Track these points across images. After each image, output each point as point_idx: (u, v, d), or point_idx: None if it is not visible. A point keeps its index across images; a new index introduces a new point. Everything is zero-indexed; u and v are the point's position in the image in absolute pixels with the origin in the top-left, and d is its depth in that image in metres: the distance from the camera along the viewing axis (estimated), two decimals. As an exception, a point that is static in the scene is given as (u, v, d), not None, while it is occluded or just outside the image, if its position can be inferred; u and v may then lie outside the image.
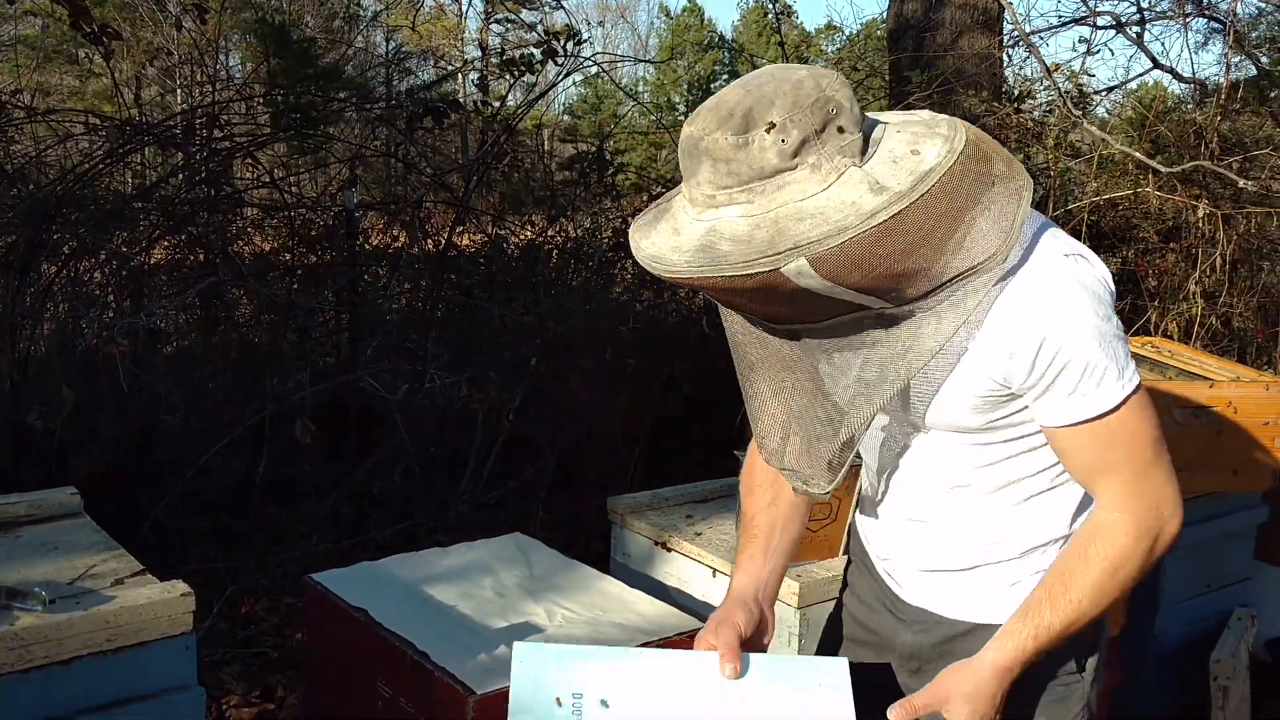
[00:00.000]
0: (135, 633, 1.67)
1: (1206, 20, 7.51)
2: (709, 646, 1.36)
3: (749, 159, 1.09)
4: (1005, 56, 6.94)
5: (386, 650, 1.90)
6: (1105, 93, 7.78)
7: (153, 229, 4.22)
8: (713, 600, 2.22)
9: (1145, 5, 7.32)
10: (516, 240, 5.08)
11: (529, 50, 5.09)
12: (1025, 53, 7.11)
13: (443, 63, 14.94)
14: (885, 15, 7.40)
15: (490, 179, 5.33)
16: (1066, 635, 1.30)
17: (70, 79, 11.36)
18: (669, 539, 2.35)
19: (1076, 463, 1.30)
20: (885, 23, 7.61)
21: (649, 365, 4.44)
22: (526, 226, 5.22)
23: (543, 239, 5.05)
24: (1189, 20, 7.24)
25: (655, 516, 2.47)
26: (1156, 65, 7.49)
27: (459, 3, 16.88)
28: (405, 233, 4.80)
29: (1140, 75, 12.16)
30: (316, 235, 4.61)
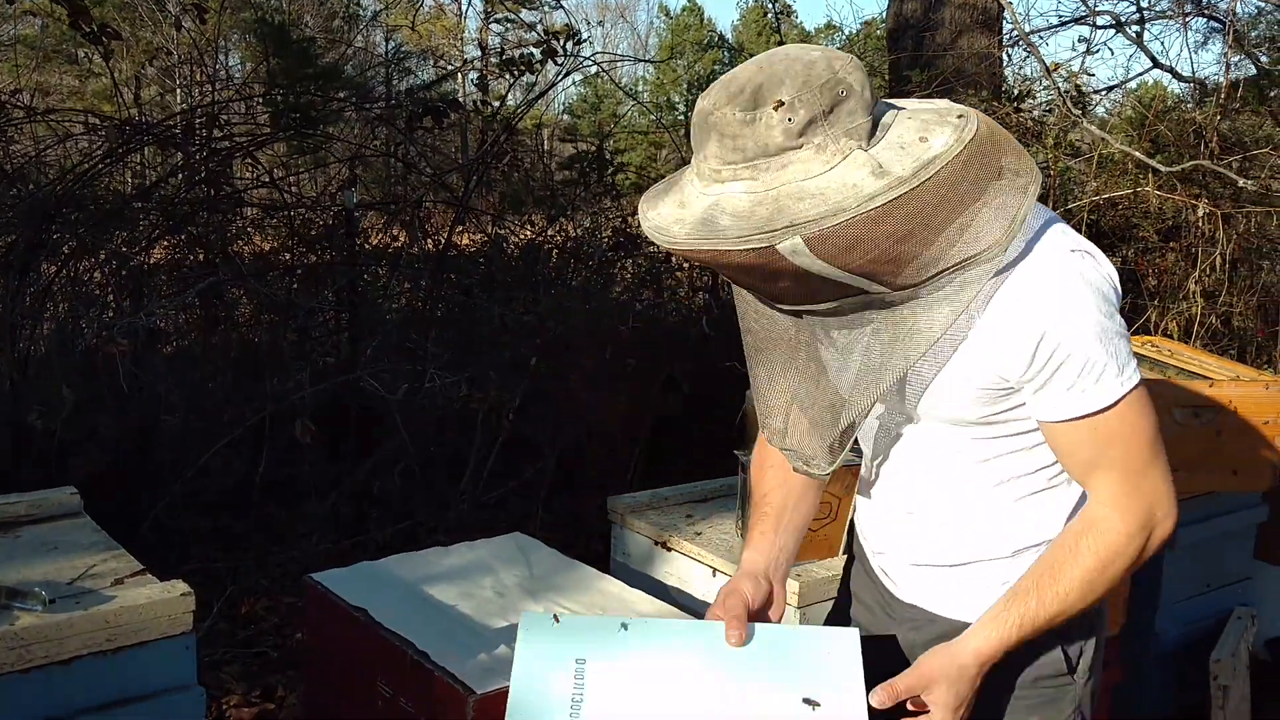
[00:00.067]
0: (135, 632, 1.67)
1: (1206, 20, 7.51)
2: (717, 618, 1.36)
3: (755, 136, 1.10)
4: (1005, 56, 6.95)
5: (386, 650, 1.90)
6: (1105, 92, 7.79)
7: (152, 229, 4.22)
8: (713, 600, 2.21)
9: (1145, 5, 7.33)
10: (516, 240, 5.07)
11: (529, 50, 5.10)
12: (1025, 52, 7.12)
13: (442, 62, 14.92)
14: (885, 15, 7.40)
15: (490, 179, 5.33)
16: (1050, 626, 1.30)
17: (70, 79, 11.35)
18: (669, 539, 2.35)
19: (1073, 459, 1.30)
20: (885, 22, 7.60)
21: (649, 365, 4.44)
22: (526, 226, 5.22)
23: (542, 239, 5.05)
24: (1188, 20, 7.24)
25: (655, 516, 2.47)
26: (1156, 65, 7.48)
27: (459, 2, 16.89)
28: (405, 232, 4.80)
29: (1140, 75, 12.21)
30: (316, 235, 4.61)
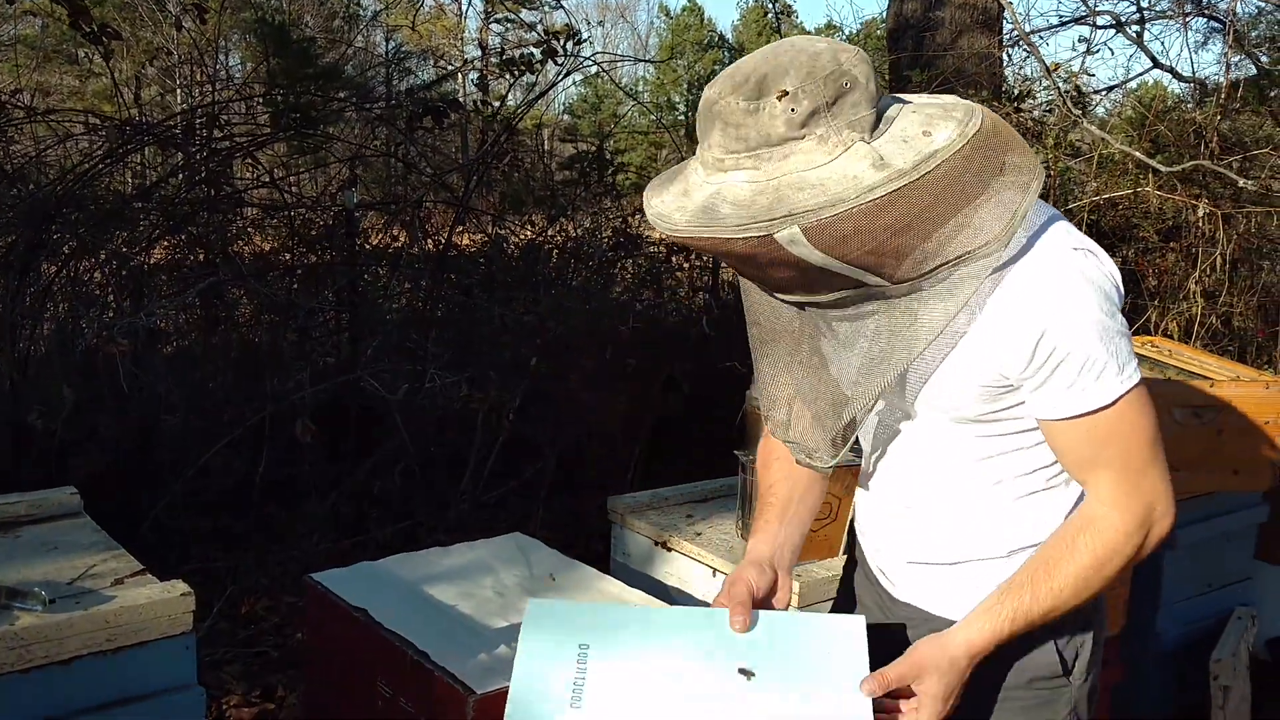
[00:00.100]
0: (135, 632, 1.67)
1: (1206, 20, 7.51)
2: (722, 606, 1.36)
3: (758, 125, 1.10)
4: (1005, 56, 6.95)
5: (386, 650, 1.90)
6: (1105, 92, 7.79)
7: (153, 229, 4.22)
8: (713, 600, 2.21)
9: (1145, 5, 7.33)
10: (516, 240, 5.07)
11: (529, 50, 5.09)
12: (1025, 52, 7.12)
13: (442, 62, 14.93)
14: (885, 15, 7.40)
15: (490, 179, 5.33)
16: (1044, 622, 1.30)
17: (70, 79, 11.34)
18: (669, 539, 2.35)
19: (1072, 457, 1.29)
20: (885, 22, 7.60)
21: (649, 365, 4.44)
22: (526, 226, 5.21)
23: (543, 239, 5.05)
24: (1189, 20, 7.24)
25: (655, 516, 2.46)
26: (1156, 65, 7.49)
27: (459, 2, 16.89)
28: (405, 232, 4.80)
29: (1140, 75, 12.21)
30: (316, 235, 4.60)
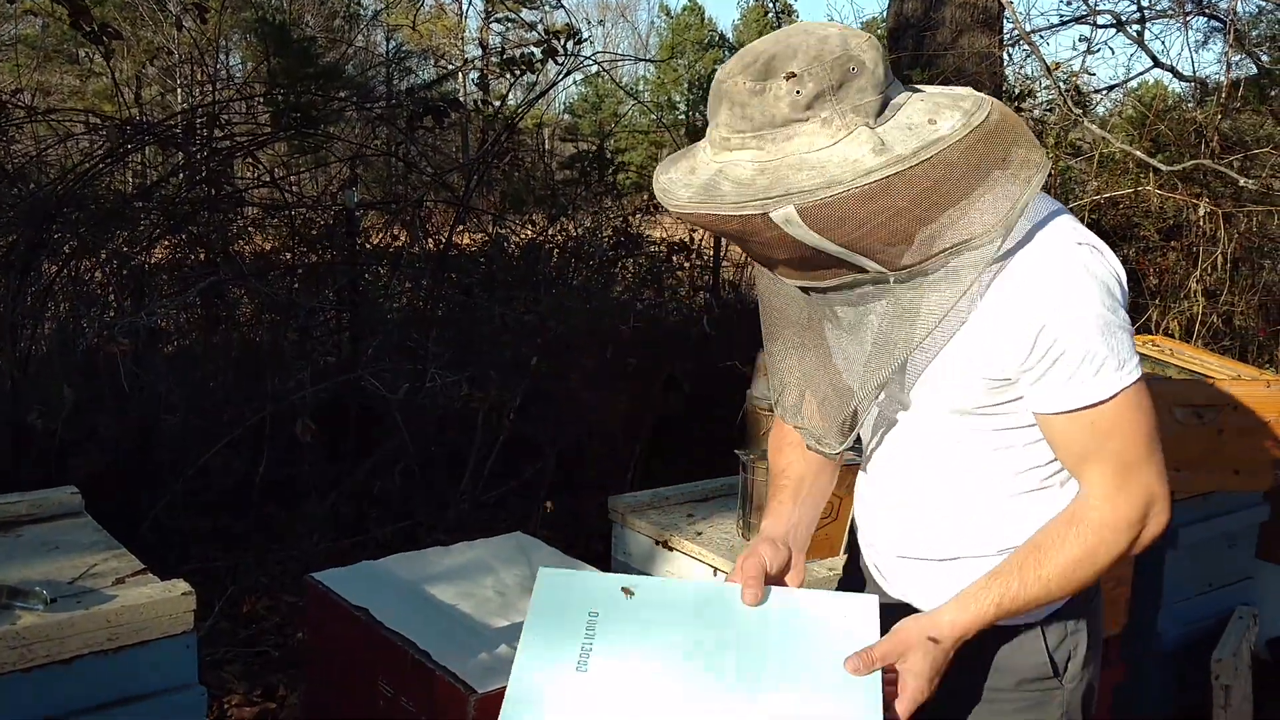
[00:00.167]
0: (136, 632, 1.67)
1: (1207, 19, 7.51)
2: (734, 581, 1.36)
3: (763, 106, 1.12)
4: (1005, 55, 6.93)
5: (387, 649, 1.90)
6: (1106, 91, 7.80)
7: (153, 228, 4.22)
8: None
9: (1145, 4, 7.33)
10: (517, 239, 5.07)
11: (529, 49, 5.09)
12: (1026, 51, 7.12)
13: (443, 62, 14.93)
14: (885, 14, 7.38)
15: (491, 178, 5.34)
16: (1028, 609, 1.31)
17: (70, 78, 11.33)
18: (670, 538, 2.35)
19: (1068, 451, 1.29)
20: (885, 21, 7.59)
21: (649, 364, 4.44)
22: (527, 225, 5.21)
23: (543, 238, 5.05)
24: (1189, 19, 7.24)
25: (656, 515, 2.46)
26: (1157, 64, 7.49)
27: (459, 2, 16.88)
28: (406, 232, 4.80)
29: (1141, 74, 12.15)
30: (317, 235, 4.61)
